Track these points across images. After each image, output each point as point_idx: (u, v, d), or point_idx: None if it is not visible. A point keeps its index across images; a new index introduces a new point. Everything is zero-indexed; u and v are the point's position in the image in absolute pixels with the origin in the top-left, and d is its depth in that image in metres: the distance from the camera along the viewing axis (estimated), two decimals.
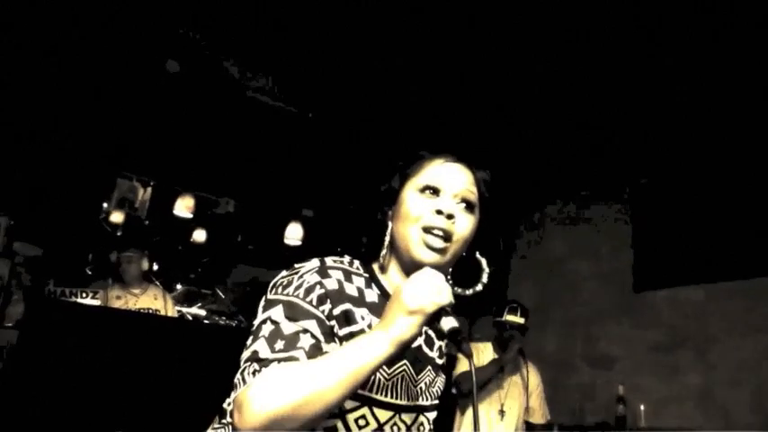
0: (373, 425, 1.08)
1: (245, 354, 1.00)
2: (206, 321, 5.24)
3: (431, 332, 1.23)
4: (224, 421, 1.17)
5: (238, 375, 0.98)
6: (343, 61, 4.38)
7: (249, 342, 1.02)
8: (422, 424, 1.19)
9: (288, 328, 1.01)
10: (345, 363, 0.95)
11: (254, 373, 0.95)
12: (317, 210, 6.20)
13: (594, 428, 4.69)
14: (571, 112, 4.70)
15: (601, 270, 5.23)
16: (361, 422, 1.07)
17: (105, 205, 6.00)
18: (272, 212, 6.21)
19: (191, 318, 5.09)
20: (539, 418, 3.73)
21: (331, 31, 4.06)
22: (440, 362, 1.28)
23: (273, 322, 1.02)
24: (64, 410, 3.21)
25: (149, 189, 6.16)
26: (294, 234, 6.14)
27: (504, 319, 3.66)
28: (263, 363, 0.96)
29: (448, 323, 0.98)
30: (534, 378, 3.75)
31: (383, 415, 1.10)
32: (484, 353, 3.70)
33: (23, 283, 4.18)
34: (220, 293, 5.79)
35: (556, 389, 5.17)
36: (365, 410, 1.08)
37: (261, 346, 0.99)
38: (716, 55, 3.83)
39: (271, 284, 1.12)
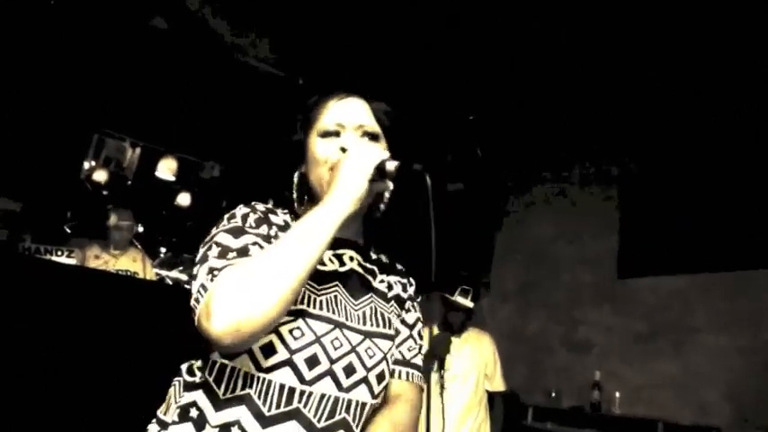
0: (310, 336, 1.05)
1: (196, 280, 0.98)
2: (186, 286, 5.19)
3: (370, 265, 1.25)
4: (179, 378, 1.17)
5: (195, 293, 0.95)
6: (335, 26, 4.30)
7: (197, 270, 1.00)
8: (369, 348, 1.12)
9: (236, 243, 1.02)
10: (308, 228, 0.97)
11: (212, 279, 0.94)
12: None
13: (568, 413, 4.71)
14: (562, 94, 4.64)
15: (585, 254, 5.21)
16: (297, 333, 1.04)
17: (93, 164, 5.89)
18: (257, 178, 6.13)
19: (170, 282, 5.04)
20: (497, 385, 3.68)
21: None
22: (390, 294, 1.25)
23: (218, 244, 1.02)
24: (35, 369, 3.17)
25: (138, 149, 6.04)
26: None
27: (453, 298, 3.58)
28: (220, 269, 0.95)
29: (391, 164, 1.05)
30: (475, 355, 3.63)
31: (320, 327, 1.07)
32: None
33: None
34: None
35: (533, 371, 5.19)
36: (300, 322, 1.05)
37: (213, 262, 0.98)
38: (707, 44, 3.79)
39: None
